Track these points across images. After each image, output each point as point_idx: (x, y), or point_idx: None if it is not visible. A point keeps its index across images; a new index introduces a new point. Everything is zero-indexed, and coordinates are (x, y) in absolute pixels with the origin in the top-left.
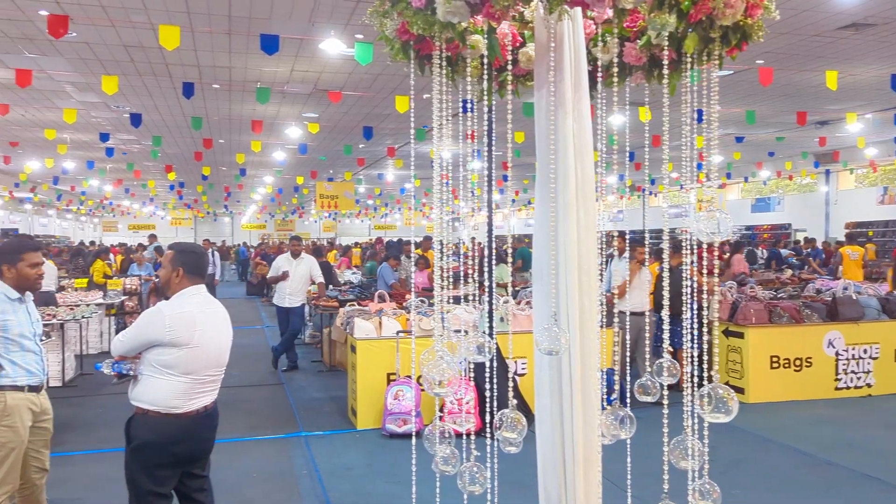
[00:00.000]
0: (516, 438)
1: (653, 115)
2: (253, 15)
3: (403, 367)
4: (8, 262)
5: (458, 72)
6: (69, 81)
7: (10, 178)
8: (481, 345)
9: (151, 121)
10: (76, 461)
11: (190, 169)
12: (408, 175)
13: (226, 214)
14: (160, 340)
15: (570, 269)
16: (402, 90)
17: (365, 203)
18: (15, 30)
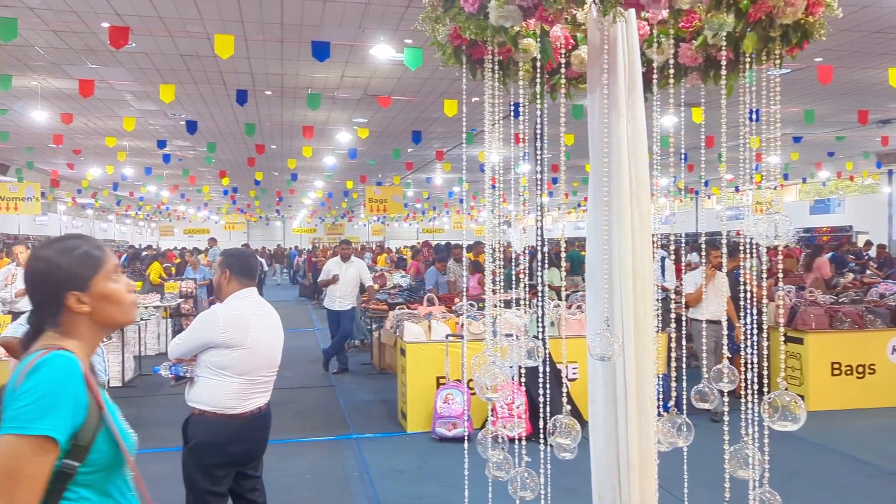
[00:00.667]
0: (570, 444)
1: (707, 115)
2: (304, 22)
3: (453, 371)
4: None
5: (510, 75)
6: (129, 91)
7: (73, 184)
8: (532, 349)
9: (206, 128)
10: (138, 459)
11: (243, 174)
12: (456, 178)
13: (277, 219)
14: (215, 342)
15: (625, 273)
16: (450, 94)
17: (413, 207)
18: (79, 42)
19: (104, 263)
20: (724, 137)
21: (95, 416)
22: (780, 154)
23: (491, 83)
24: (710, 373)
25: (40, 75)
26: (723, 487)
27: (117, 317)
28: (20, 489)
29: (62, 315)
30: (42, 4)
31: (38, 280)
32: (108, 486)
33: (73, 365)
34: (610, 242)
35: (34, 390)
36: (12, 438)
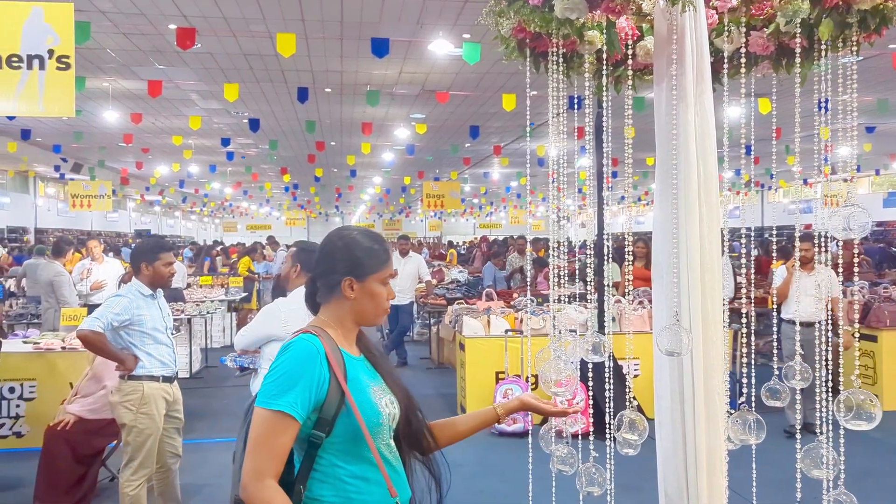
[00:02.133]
0: (637, 440)
1: (774, 106)
2: (364, 20)
3: (512, 366)
4: (147, 260)
5: (573, 68)
6: (194, 90)
7: (141, 182)
8: (597, 344)
9: (268, 125)
10: (205, 448)
11: (303, 171)
12: (513, 173)
13: (336, 215)
14: (277, 335)
15: (692, 267)
16: (508, 88)
17: (470, 202)
18: (147, 44)
19: (384, 268)
20: (799, 128)
21: (337, 394)
22: (853, 145)
23: (555, 76)
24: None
25: (111, 77)
26: (793, 488)
27: (369, 315)
28: (261, 454)
29: (333, 294)
30: (113, 8)
31: (328, 256)
32: (362, 452)
33: (314, 348)
34: (677, 236)
35: (278, 369)
36: (260, 410)
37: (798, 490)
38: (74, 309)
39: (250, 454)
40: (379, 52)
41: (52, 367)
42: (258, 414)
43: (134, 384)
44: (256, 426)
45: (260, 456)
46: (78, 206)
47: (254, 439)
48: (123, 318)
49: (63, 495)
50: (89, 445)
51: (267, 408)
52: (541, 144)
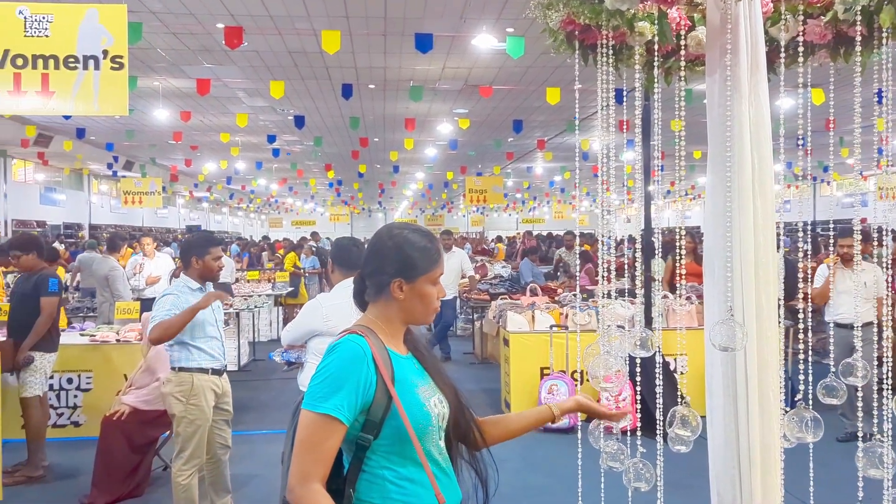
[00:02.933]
0: (690, 437)
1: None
2: (407, 15)
3: (557, 362)
4: (196, 254)
5: (622, 60)
6: (241, 88)
7: (190, 179)
8: (645, 339)
9: (313, 122)
10: (254, 440)
11: (347, 167)
12: (557, 167)
13: (379, 210)
14: (319, 330)
15: (746, 262)
16: (552, 82)
17: (513, 197)
18: (196, 43)
19: (435, 268)
20: (860, 119)
21: (384, 396)
22: None
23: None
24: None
25: (161, 76)
26: (849, 489)
27: (418, 316)
28: (308, 457)
29: (382, 294)
30: (164, 9)
31: (379, 256)
32: (410, 454)
33: (361, 350)
34: (731, 230)
35: (324, 371)
36: (307, 413)
37: (860, 489)
38: (128, 303)
39: (297, 457)
40: (422, 47)
41: (108, 359)
42: (305, 416)
43: (184, 376)
44: (303, 428)
45: (306, 459)
46: (130, 202)
47: (300, 442)
48: (174, 314)
49: (119, 483)
50: (143, 435)
51: (314, 410)
52: (585, 138)
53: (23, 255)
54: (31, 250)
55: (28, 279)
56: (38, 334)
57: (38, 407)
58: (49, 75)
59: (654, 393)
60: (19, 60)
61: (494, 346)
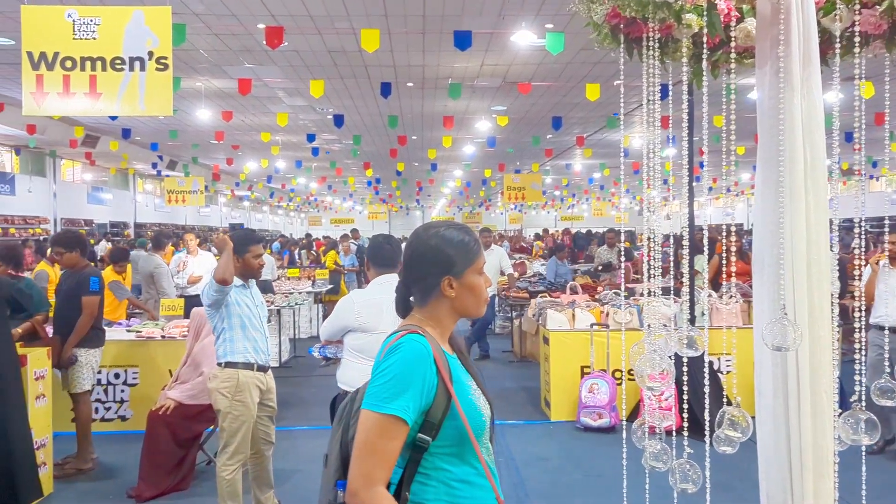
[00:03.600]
0: (739, 438)
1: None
2: (446, 13)
3: (598, 361)
4: (237, 252)
5: (668, 54)
6: (281, 88)
7: (231, 178)
8: (691, 339)
9: (352, 121)
10: (296, 436)
11: (385, 165)
12: (596, 164)
13: (417, 208)
14: (352, 326)
15: (798, 259)
16: (591, 78)
17: (552, 194)
18: (237, 43)
19: (478, 258)
20: None
21: (444, 397)
22: None
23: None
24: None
25: (204, 76)
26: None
27: (471, 308)
28: (373, 460)
29: (431, 296)
30: (206, 10)
31: (420, 259)
32: (467, 455)
33: (424, 349)
34: (783, 227)
35: (388, 371)
36: (370, 413)
37: None
38: (173, 299)
39: (359, 458)
40: (461, 44)
41: (153, 354)
42: (368, 417)
43: (230, 372)
44: (366, 430)
45: (370, 461)
46: (173, 201)
47: (363, 444)
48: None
49: (165, 476)
50: (188, 430)
51: (378, 411)
52: (625, 134)
53: (66, 252)
54: (75, 248)
55: (71, 276)
56: (79, 333)
57: (88, 402)
58: (97, 77)
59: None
60: (68, 63)
61: (534, 344)
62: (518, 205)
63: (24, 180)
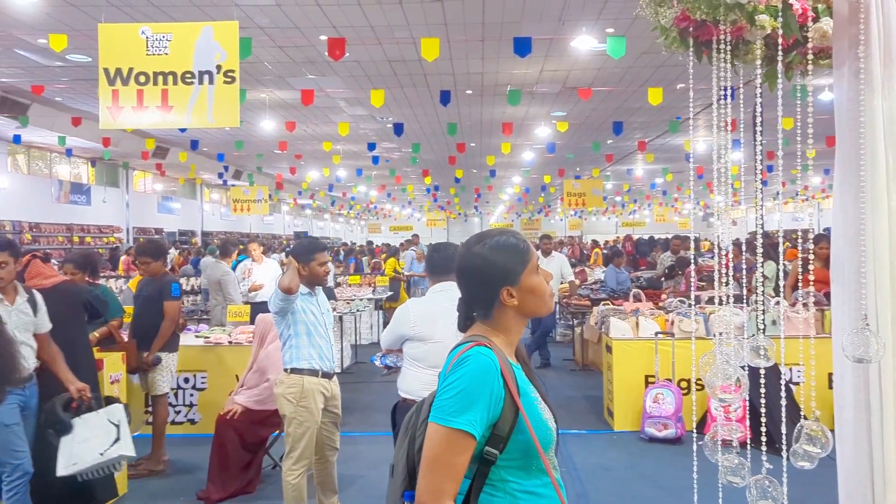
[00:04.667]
0: (819, 453)
1: None
2: (505, 20)
3: (663, 370)
4: (302, 260)
5: (738, 56)
6: (342, 98)
7: (294, 186)
8: (763, 348)
9: (411, 129)
10: (358, 441)
11: (444, 173)
12: (658, 169)
13: (475, 215)
14: (408, 335)
15: (881, 267)
16: (654, 82)
17: (612, 200)
18: (300, 55)
19: (530, 259)
20: None
21: (511, 410)
22: None
23: (721, 66)
24: None
25: (268, 88)
26: None
27: (539, 308)
28: (442, 473)
29: (494, 307)
30: (270, 23)
31: (474, 275)
32: (534, 468)
33: (491, 363)
34: (864, 234)
35: (455, 385)
36: (438, 427)
37: None
38: (239, 306)
39: (428, 473)
40: (521, 51)
41: (221, 359)
42: (436, 431)
43: (295, 378)
44: (434, 444)
45: (439, 476)
46: (239, 210)
47: (432, 458)
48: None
49: (232, 479)
50: (255, 434)
51: (447, 425)
52: (689, 139)
53: (153, 261)
54: (160, 257)
55: (151, 283)
56: (164, 337)
57: (166, 404)
58: (168, 91)
59: (769, 405)
60: (142, 78)
61: (596, 352)
62: (578, 211)
63: (99, 191)
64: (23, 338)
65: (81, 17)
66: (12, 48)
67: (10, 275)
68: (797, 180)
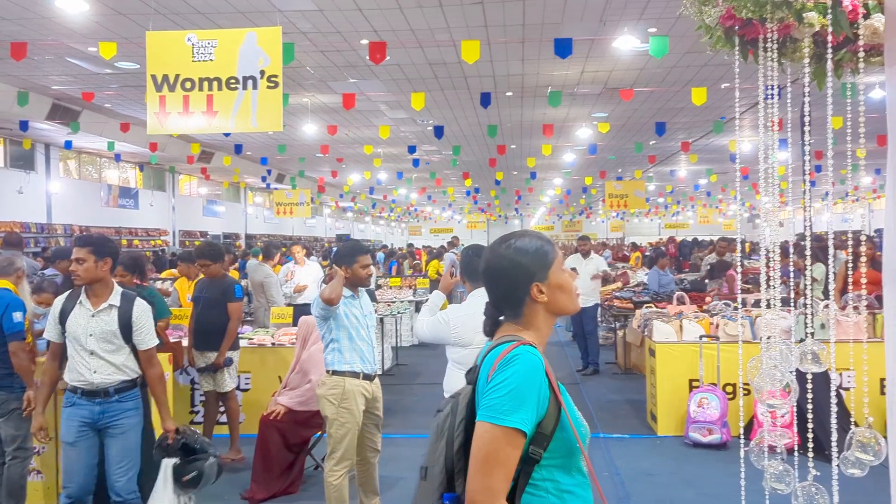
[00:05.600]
0: (872, 461)
1: None
2: (546, 21)
3: (707, 374)
4: (345, 263)
5: (785, 54)
6: (383, 101)
7: (336, 190)
8: (814, 353)
9: (451, 132)
10: (399, 443)
11: (484, 175)
12: (702, 170)
13: (515, 217)
14: (448, 340)
15: None
16: (697, 81)
17: (655, 201)
18: (342, 59)
19: (556, 256)
20: None
21: (555, 408)
22: None
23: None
24: None
25: (310, 92)
26: None
27: (567, 305)
28: (495, 472)
29: (524, 307)
30: (312, 28)
31: (502, 276)
32: (572, 468)
33: (539, 361)
34: None
35: (506, 384)
36: (490, 426)
37: None
38: (282, 308)
39: (481, 472)
40: (562, 52)
41: (264, 361)
42: (487, 430)
43: (337, 379)
44: (487, 443)
45: (493, 474)
46: (282, 213)
47: (484, 457)
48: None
49: (276, 479)
50: (297, 435)
51: (500, 424)
52: (734, 139)
53: (213, 263)
54: (220, 259)
55: (211, 285)
56: (231, 337)
57: (236, 398)
58: (213, 96)
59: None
60: (188, 84)
61: (638, 355)
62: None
63: (147, 195)
64: (94, 347)
65: (130, 26)
66: (64, 57)
67: (89, 273)
68: (846, 180)
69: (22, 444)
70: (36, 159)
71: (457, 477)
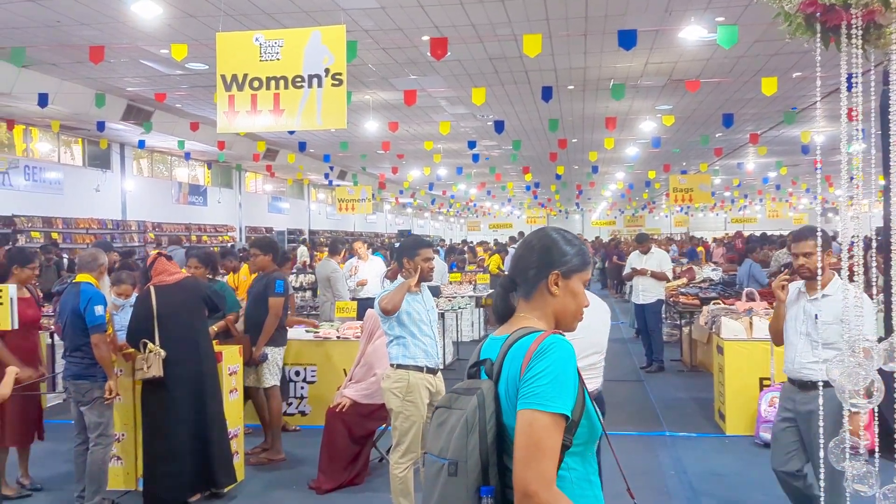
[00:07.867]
0: None
1: None
2: (609, 13)
3: (779, 373)
4: (408, 256)
5: (869, 41)
6: (443, 97)
7: (396, 186)
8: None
9: (512, 126)
10: None
11: (544, 169)
12: (771, 163)
13: (576, 212)
14: None
15: None
16: (767, 71)
17: (721, 195)
18: (403, 56)
19: (587, 269)
20: None
21: (581, 396)
22: None
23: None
24: None
25: (371, 89)
26: None
27: (568, 316)
28: (546, 459)
29: (536, 290)
30: (374, 26)
31: (532, 250)
32: (588, 455)
33: (572, 349)
34: None
35: (548, 371)
36: (538, 414)
37: None
38: (347, 302)
39: (533, 460)
40: (626, 44)
41: (329, 354)
42: (536, 418)
43: (401, 373)
44: (537, 430)
45: (545, 461)
46: (344, 209)
47: (535, 444)
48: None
49: (342, 470)
50: (362, 427)
51: (548, 411)
52: (807, 130)
53: (261, 254)
54: (269, 252)
55: (260, 279)
56: (267, 333)
57: (278, 396)
58: (279, 95)
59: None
60: (255, 83)
61: (705, 353)
62: (684, 207)
63: (215, 192)
64: None
65: (200, 28)
66: (138, 59)
67: None
68: None
69: (104, 431)
70: (111, 158)
71: (490, 469)
